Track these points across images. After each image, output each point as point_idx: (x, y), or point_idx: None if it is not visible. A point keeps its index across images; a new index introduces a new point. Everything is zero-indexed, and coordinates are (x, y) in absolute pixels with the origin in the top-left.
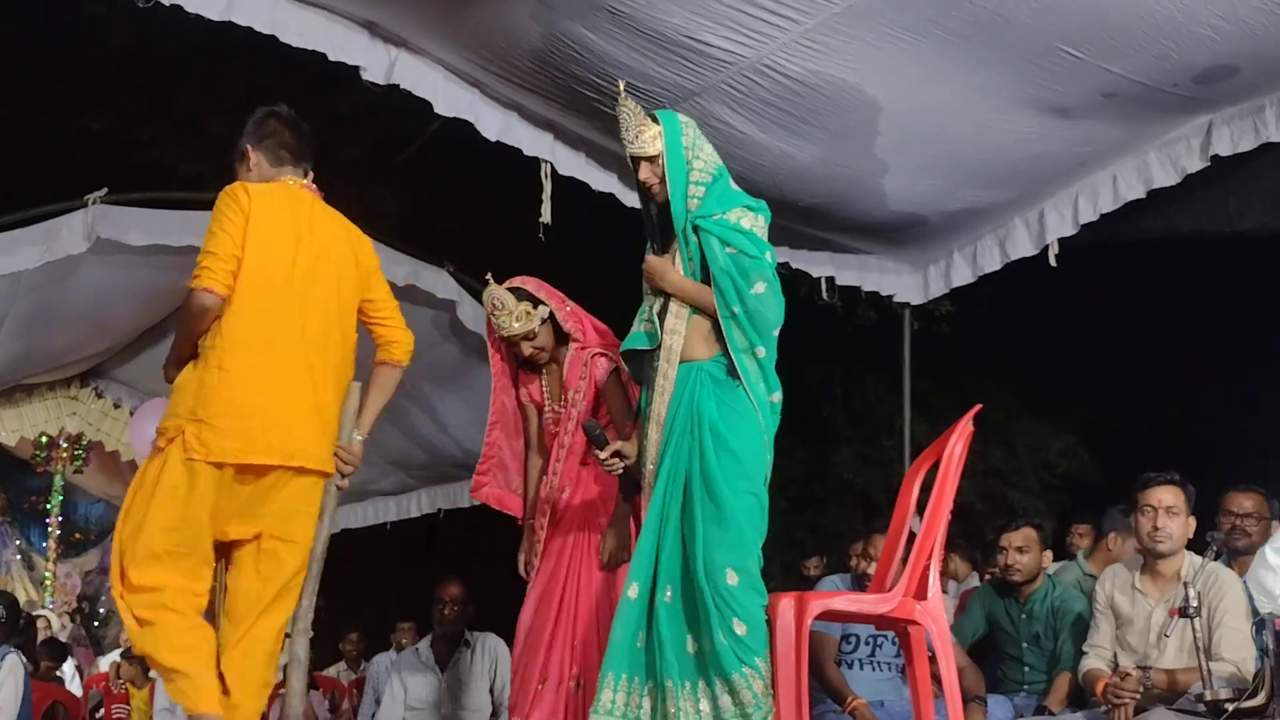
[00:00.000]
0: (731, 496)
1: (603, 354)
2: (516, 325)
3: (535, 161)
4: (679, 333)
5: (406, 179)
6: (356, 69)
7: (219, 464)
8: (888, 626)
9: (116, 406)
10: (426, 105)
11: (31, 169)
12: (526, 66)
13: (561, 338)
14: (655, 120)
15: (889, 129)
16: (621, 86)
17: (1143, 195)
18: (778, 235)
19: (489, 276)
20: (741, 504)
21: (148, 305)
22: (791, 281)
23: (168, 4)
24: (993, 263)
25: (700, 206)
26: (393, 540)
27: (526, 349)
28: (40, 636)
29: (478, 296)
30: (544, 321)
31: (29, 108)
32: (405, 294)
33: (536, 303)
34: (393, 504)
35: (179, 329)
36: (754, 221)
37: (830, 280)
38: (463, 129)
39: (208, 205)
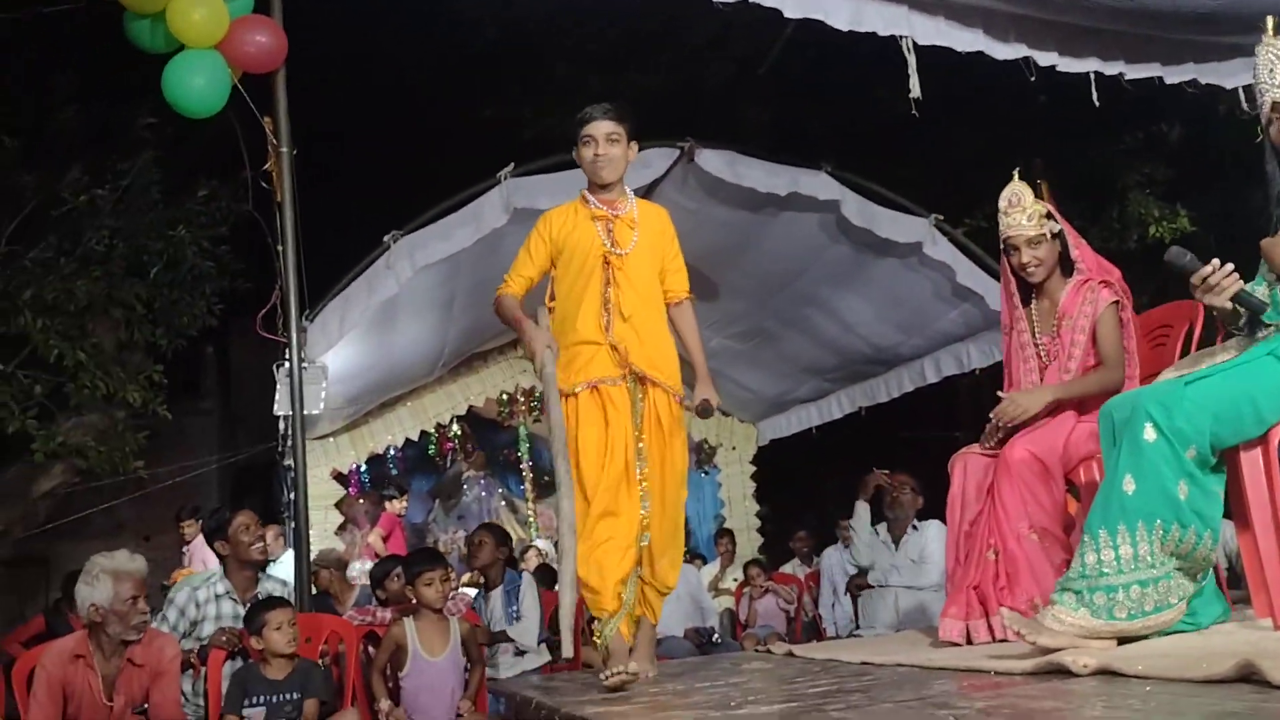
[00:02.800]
0: None
1: (1108, 284)
2: (1028, 224)
3: (893, 41)
4: None
5: (771, 90)
6: None
7: None
8: None
9: None
10: (777, 14)
11: (445, 163)
12: None
13: (1065, 267)
14: None
15: None
16: (1269, 24)
17: None
18: (1180, 51)
19: (1016, 171)
20: None
21: None
22: (1207, 101)
23: None
24: None
25: None
26: (819, 445)
27: (1027, 255)
28: (534, 564)
29: (860, 191)
30: (1054, 236)
31: (436, 112)
32: (788, 203)
33: (1050, 216)
34: (814, 409)
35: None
36: None
37: (1249, 89)
38: (815, 28)
39: None
